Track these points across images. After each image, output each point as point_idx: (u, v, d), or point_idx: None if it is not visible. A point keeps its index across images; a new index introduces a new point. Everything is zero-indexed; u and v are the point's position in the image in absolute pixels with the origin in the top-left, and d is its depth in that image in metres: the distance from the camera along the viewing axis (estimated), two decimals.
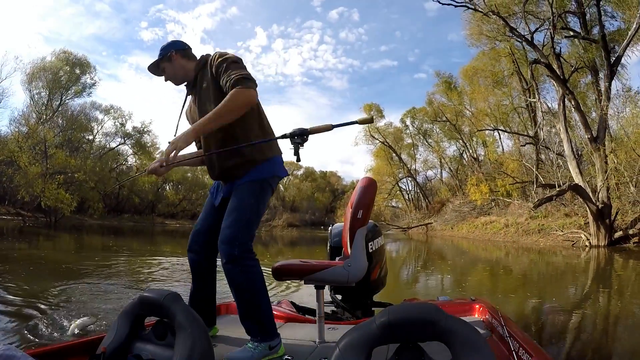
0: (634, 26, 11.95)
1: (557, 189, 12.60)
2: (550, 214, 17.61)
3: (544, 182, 15.08)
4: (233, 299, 1.67)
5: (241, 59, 1.64)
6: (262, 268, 1.62)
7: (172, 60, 1.77)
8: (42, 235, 15.91)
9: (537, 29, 14.89)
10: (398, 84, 69.56)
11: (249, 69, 1.61)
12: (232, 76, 1.55)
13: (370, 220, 2.00)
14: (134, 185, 36.16)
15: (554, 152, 16.98)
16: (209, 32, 73.24)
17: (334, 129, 1.51)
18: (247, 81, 1.54)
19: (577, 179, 13.45)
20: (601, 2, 14.18)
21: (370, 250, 2.38)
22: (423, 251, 15.70)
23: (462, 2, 13.92)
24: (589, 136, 13.12)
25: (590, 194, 12.86)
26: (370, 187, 1.88)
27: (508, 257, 12.10)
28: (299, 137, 1.50)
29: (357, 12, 69.78)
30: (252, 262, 1.59)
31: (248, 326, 1.61)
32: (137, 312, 1.26)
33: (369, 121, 1.48)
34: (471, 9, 14.33)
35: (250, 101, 1.55)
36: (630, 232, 12.55)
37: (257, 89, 1.57)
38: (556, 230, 15.49)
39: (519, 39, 14.39)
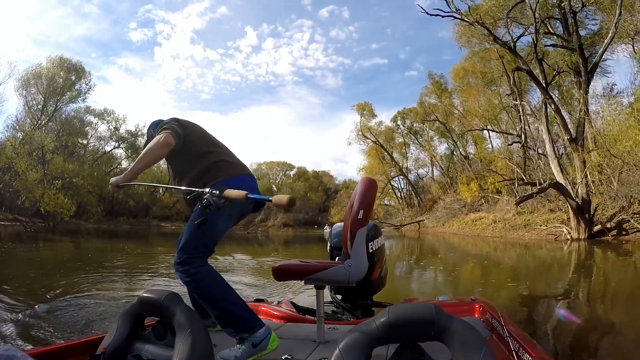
0: (609, 35, 12.75)
1: (538, 187, 13.42)
2: (536, 209, 18.44)
3: (526, 180, 15.90)
4: None
5: (174, 119, 1.86)
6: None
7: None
8: (48, 240, 16.25)
9: (520, 35, 15.69)
10: (389, 82, 70.37)
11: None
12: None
13: (370, 221, 2.00)
14: (129, 189, 36.44)
15: (536, 151, 17.80)
16: (199, 32, 73.23)
17: (248, 199, 1.40)
18: (162, 128, 1.78)
19: (558, 177, 14.27)
20: (583, 7, 14.96)
21: (371, 250, 2.40)
22: (417, 247, 16.35)
23: (449, 12, 14.68)
24: (568, 137, 13.96)
25: (571, 190, 13.68)
26: (370, 187, 1.89)
27: (496, 251, 12.77)
28: (211, 195, 1.44)
29: (347, 10, 70.33)
30: (197, 269, 1.65)
31: (225, 330, 1.66)
32: (137, 313, 1.27)
33: (284, 204, 1.31)
34: (458, 18, 15.08)
35: (159, 144, 1.71)
36: (608, 225, 13.36)
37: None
38: (540, 225, 16.33)
39: (503, 46, 15.12)
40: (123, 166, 39.05)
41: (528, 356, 1.33)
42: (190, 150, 1.82)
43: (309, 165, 58.92)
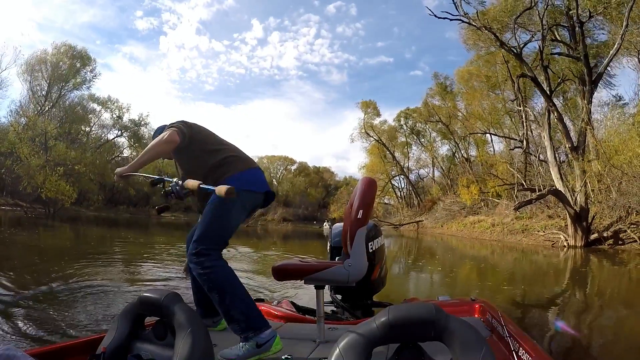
0: (615, 46, 12.81)
1: (537, 193, 13.55)
2: (535, 215, 18.55)
3: (526, 186, 16.02)
4: None
5: (182, 121, 1.91)
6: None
7: None
8: (49, 226, 16.44)
9: (527, 41, 15.74)
10: (394, 80, 70.31)
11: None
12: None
13: (370, 220, 2.01)
14: (132, 178, 36.38)
15: (537, 157, 17.88)
16: (205, 22, 72.95)
17: (200, 188, 1.53)
18: (169, 127, 1.85)
19: (558, 184, 14.39)
20: (591, 17, 14.99)
21: (371, 250, 2.42)
22: (415, 248, 16.51)
23: (457, 16, 14.73)
24: (569, 145, 14.07)
25: (570, 198, 13.79)
26: (370, 187, 1.90)
27: (494, 255, 12.94)
28: (175, 184, 1.59)
29: (354, 7, 70.13)
30: (213, 262, 1.67)
31: (231, 327, 1.66)
32: (137, 312, 1.27)
33: (223, 194, 1.41)
34: (465, 22, 15.13)
35: (163, 141, 1.78)
36: (605, 234, 13.45)
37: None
38: (538, 231, 16.44)
39: (509, 52, 15.19)
40: (125, 155, 39.15)
41: (528, 356, 1.34)
42: (198, 149, 1.87)
43: (310, 161, 59.09)
